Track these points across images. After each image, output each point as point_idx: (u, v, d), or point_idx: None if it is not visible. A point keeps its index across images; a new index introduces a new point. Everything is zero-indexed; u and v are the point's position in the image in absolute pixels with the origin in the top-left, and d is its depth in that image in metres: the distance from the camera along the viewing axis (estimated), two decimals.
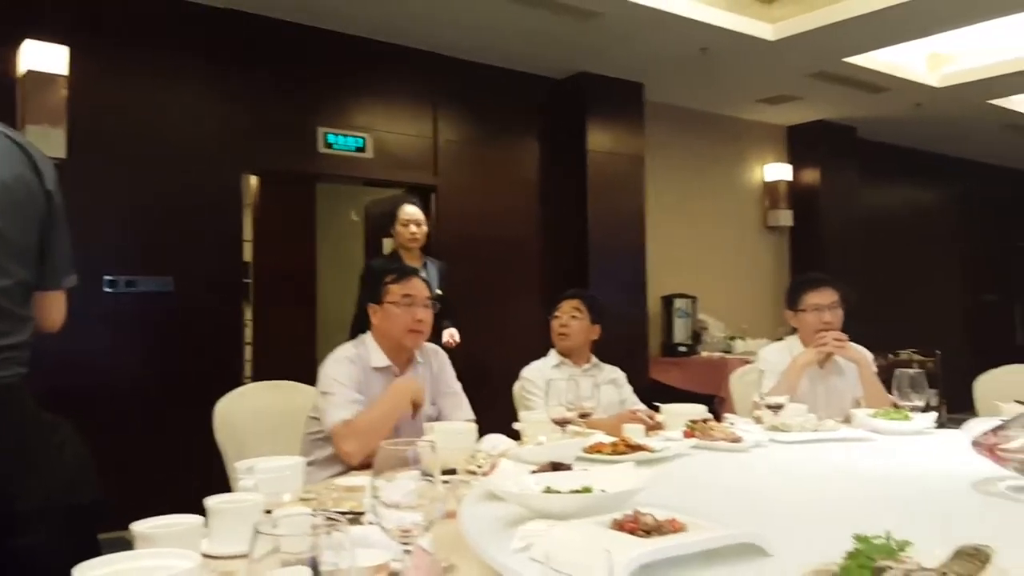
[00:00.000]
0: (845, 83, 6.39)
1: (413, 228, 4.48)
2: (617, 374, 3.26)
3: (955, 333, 9.14)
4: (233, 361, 4.95)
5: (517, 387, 3.17)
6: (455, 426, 2.16)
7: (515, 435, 2.36)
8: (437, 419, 2.44)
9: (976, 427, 2.31)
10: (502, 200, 6.05)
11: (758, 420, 2.51)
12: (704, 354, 6.59)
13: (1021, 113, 7.49)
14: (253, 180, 6.19)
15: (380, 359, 2.44)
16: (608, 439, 2.04)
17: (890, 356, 7.60)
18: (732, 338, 6.77)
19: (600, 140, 6.18)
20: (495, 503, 1.38)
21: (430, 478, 1.10)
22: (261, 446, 2.32)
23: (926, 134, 8.34)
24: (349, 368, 2.39)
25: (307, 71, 5.22)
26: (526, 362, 3.26)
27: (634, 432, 2.38)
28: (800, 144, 7.87)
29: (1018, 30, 5.83)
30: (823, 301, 2.98)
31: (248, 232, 5.91)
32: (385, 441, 1.11)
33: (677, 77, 6.24)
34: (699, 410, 2.53)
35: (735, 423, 2.56)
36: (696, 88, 6.59)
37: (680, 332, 6.62)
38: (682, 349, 6.57)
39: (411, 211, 4.53)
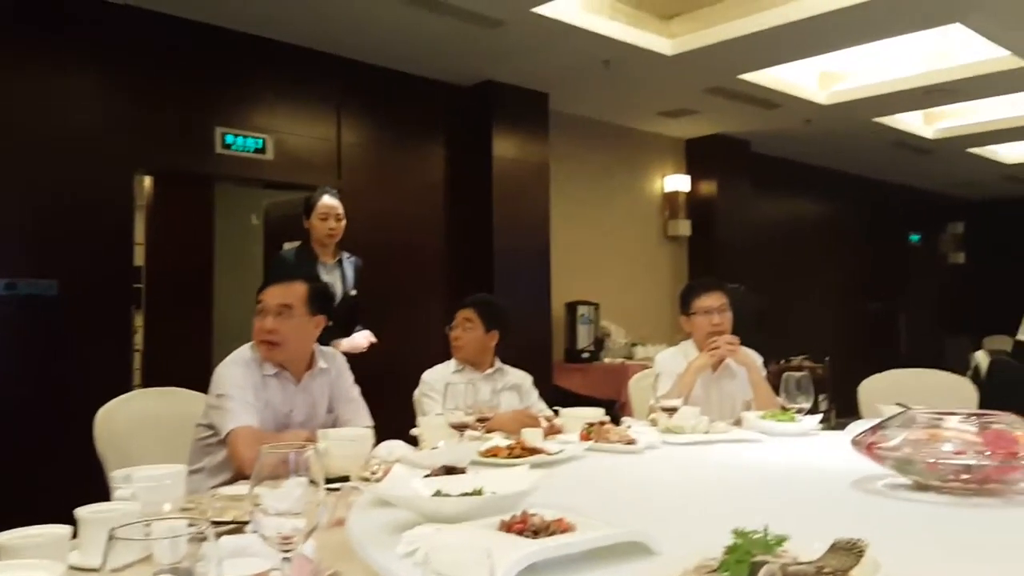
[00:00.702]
0: (740, 99, 6.63)
1: (332, 223, 4.02)
2: (523, 380, 3.25)
3: (844, 340, 9.58)
4: (121, 369, 4.73)
5: (417, 392, 3.13)
6: (349, 432, 2.12)
7: (414, 441, 2.33)
8: (333, 426, 2.39)
9: (858, 428, 2.42)
10: (407, 205, 6.00)
11: (654, 423, 2.56)
12: (606, 360, 6.69)
13: (905, 131, 7.93)
14: (148, 180, 5.94)
15: (271, 365, 2.37)
16: (505, 443, 2.04)
17: (782, 362, 7.90)
18: (633, 344, 6.91)
19: (505, 148, 6.22)
20: (385, 509, 1.36)
21: (313, 483, 1.07)
22: (147, 456, 2.21)
23: (816, 149, 8.73)
24: (245, 372, 2.32)
25: (205, 70, 5.06)
26: (430, 367, 3.23)
27: (532, 436, 2.39)
28: (698, 156, 8.12)
29: (902, 51, 6.18)
30: (713, 304, 3.07)
31: (141, 234, 5.67)
32: (265, 446, 1.07)
33: (581, 88, 6.34)
34: (596, 413, 2.56)
35: (631, 426, 2.60)
36: (599, 99, 6.71)
37: (583, 338, 6.70)
38: (585, 355, 6.66)
39: (331, 203, 4.08)
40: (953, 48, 6.02)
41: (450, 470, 1.58)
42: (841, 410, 6.65)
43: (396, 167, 5.95)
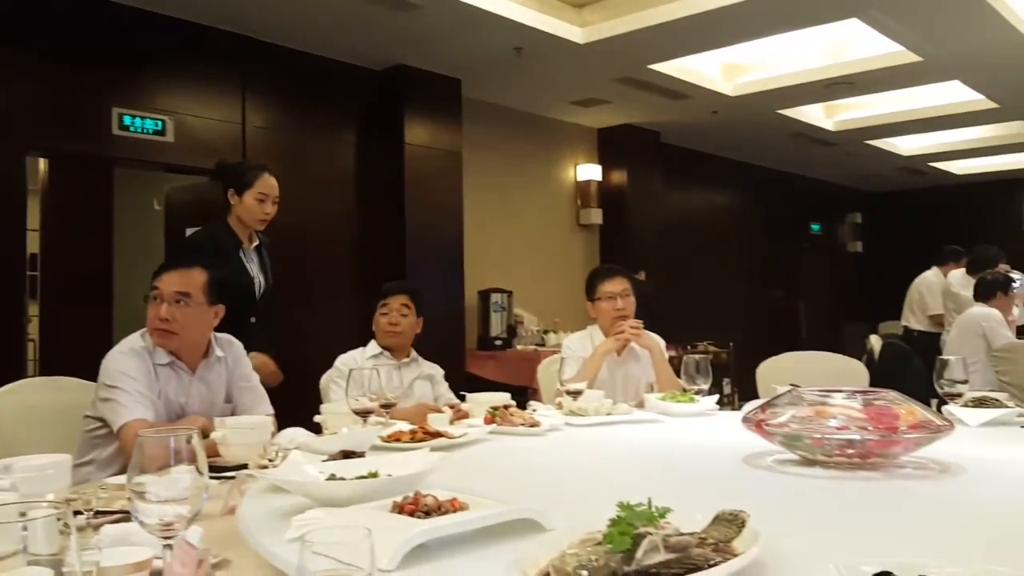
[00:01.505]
0: (649, 89, 6.74)
1: (269, 206, 3.43)
2: (435, 371, 3.25)
3: (747, 326, 9.89)
4: (14, 359, 4.51)
5: (325, 378, 3.08)
6: (248, 420, 2.07)
7: (317, 429, 2.29)
8: (232, 415, 2.33)
9: (752, 407, 2.50)
10: (316, 190, 5.88)
11: (559, 406, 2.58)
12: (519, 347, 6.73)
13: (807, 123, 8.21)
14: (42, 163, 5.64)
15: (163, 355, 2.28)
16: (408, 428, 2.03)
17: (688, 347, 8.11)
18: (546, 331, 6.97)
19: (418, 134, 6.16)
20: (279, 495, 1.33)
21: (197, 470, 1.04)
22: (35, 448, 2.10)
23: (723, 141, 8.97)
24: (137, 362, 2.22)
25: (101, 47, 4.83)
26: (339, 355, 3.19)
27: (438, 421, 2.38)
28: (610, 146, 8.23)
29: (804, 45, 6.39)
30: (615, 289, 3.12)
31: (35, 220, 5.39)
32: (145, 431, 1.03)
33: (494, 75, 6.33)
34: (503, 398, 2.57)
35: (536, 409, 2.62)
36: (513, 87, 6.72)
37: (496, 326, 6.72)
38: (498, 342, 6.68)
39: (272, 183, 3.49)
40: (852, 43, 6.26)
41: (348, 455, 1.56)
42: (744, 393, 6.86)
43: (305, 151, 5.82)
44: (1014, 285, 5.16)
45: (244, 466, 1.78)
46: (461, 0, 4.83)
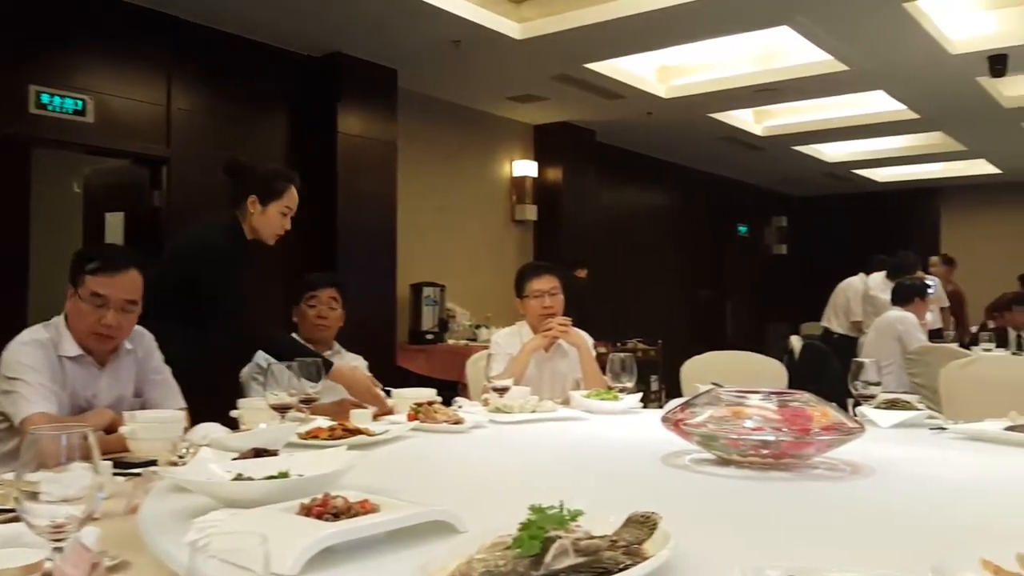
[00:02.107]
0: (585, 88, 6.77)
1: (289, 222, 3.08)
2: (359, 363, 3.21)
3: (676, 324, 10.06)
4: None
5: (245, 371, 3.00)
6: (159, 414, 1.99)
7: (234, 424, 2.23)
8: (142, 409, 2.24)
9: (673, 406, 2.53)
10: None
11: (486, 402, 2.57)
12: (450, 342, 6.70)
13: (736, 127, 8.37)
14: None
15: (72, 347, 2.18)
16: (328, 424, 1.99)
17: (618, 344, 8.20)
18: (477, 326, 6.95)
19: (352, 123, 6.06)
20: (186, 494, 1.28)
21: (93, 468, 0.99)
22: None
23: (657, 142, 9.08)
24: (41, 353, 2.12)
25: (18, 21, 4.60)
26: None
27: (360, 417, 2.34)
28: (546, 143, 8.25)
29: (735, 50, 6.51)
30: (543, 287, 3.13)
31: None
32: (36, 427, 0.97)
33: (431, 67, 6.27)
34: (428, 394, 2.55)
35: (462, 406, 2.61)
36: (450, 80, 6.67)
37: (428, 320, 6.67)
38: (429, 337, 6.63)
39: (297, 196, 3.09)
40: (782, 50, 6.40)
41: (260, 452, 1.51)
42: (671, 390, 6.95)
43: (233, 136, 5.67)
44: (929, 291, 5.36)
45: (153, 462, 1.72)
46: None
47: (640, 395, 2.63)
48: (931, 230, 12.00)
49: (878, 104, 7.58)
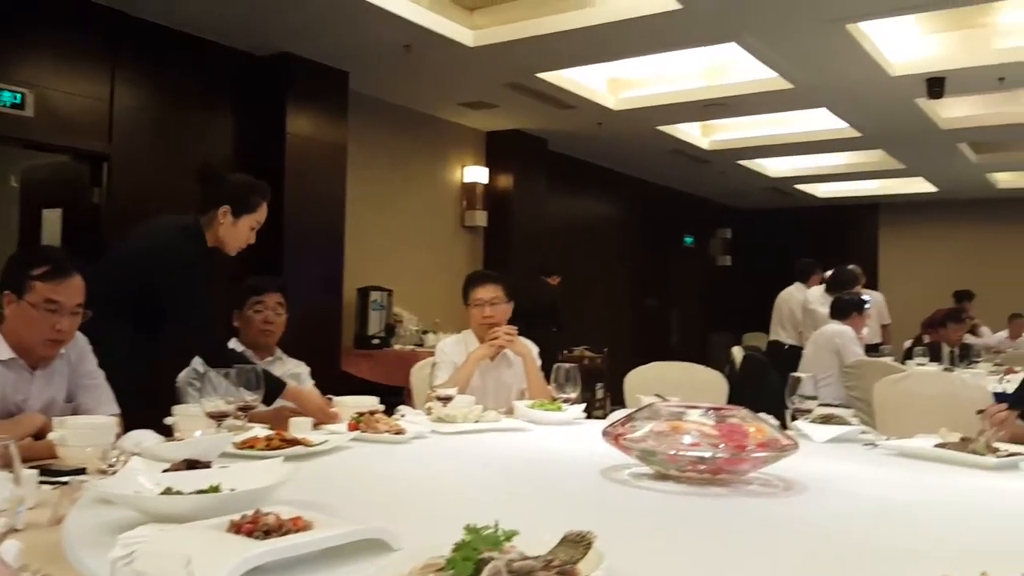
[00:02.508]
0: (537, 97, 6.80)
1: (253, 237, 2.97)
2: (301, 369, 3.16)
3: (622, 332, 10.16)
4: None
5: (182, 376, 2.94)
6: (90, 420, 1.93)
7: (168, 431, 2.17)
8: (74, 415, 2.17)
9: (616, 418, 2.55)
10: (189, 177, 5.61)
11: (429, 411, 2.55)
12: (397, 347, 6.65)
13: (684, 140, 8.49)
14: None
15: (4, 351, 2.11)
16: (266, 433, 1.95)
17: (565, 352, 8.24)
18: (425, 332, 6.91)
19: (301, 124, 5.98)
20: (114, 506, 1.24)
21: (14, 480, 0.96)
22: None
23: (607, 152, 9.17)
24: None
25: None
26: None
27: (299, 426, 2.30)
28: (497, 150, 8.26)
29: (684, 65, 6.61)
30: (485, 296, 3.12)
31: None
32: None
33: (383, 71, 6.23)
34: (370, 402, 2.52)
35: (405, 415, 2.59)
36: (401, 84, 6.64)
37: (374, 324, 6.61)
38: (375, 341, 6.57)
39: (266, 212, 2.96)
40: (730, 66, 6.52)
41: (192, 464, 1.48)
42: (615, 398, 7.01)
43: (178, 135, 5.55)
44: (867, 306, 5.50)
45: (82, 470, 1.67)
46: None
47: (584, 406, 2.64)
48: (870, 245, 12.34)
49: (821, 122, 7.76)
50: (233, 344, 3.04)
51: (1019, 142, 9.01)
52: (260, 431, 1.97)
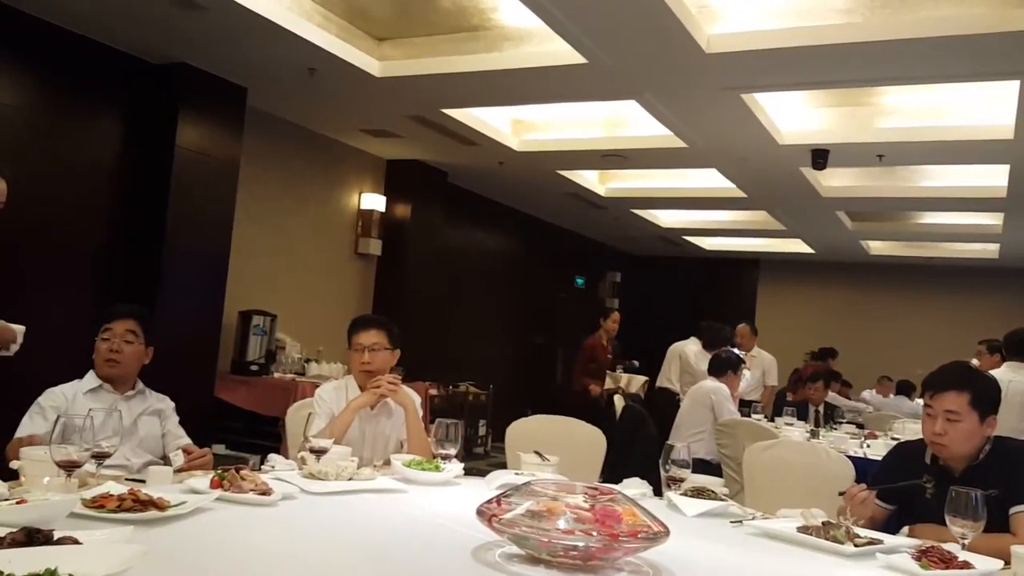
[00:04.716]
0: (441, 131, 6.79)
1: None
2: (165, 404, 2.97)
3: (509, 369, 10.20)
4: None
5: (29, 416, 2.72)
6: None
7: (13, 475, 2.01)
8: None
9: (497, 479, 2.52)
10: (65, 182, 5.31)
11: (303, 461, 2.46)
12: (276, 374, 6.42)
13: (582, 186, 8.65)
14: None
15: None
16: (119, 489, 1.82)
17: (450, 388, 8.20)
18: (308, 360, 6.71)
19: (192, 137, 5.75)
20: None
21: None
22: None
23: (507, 190, 9.25)
24: None
25: None
26: (69, 376, 2.84)
27: (158, 476, 2.17)
28: (397, 179, 8.19)
29: (587, 114, 6.76)
30: (365, 342, 3.04)
31: None
32: None
33: (284, 90, 6.08)
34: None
35: (275, 465, 2.48)
36: (303, 106, 6.50)
37: (254, 350, 6.36)
38: (254, 368, 6.32)
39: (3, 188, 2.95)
40: (630, 120, 6.71)
41: (32, 533, 1.35)
42: (498, 434, 7.01)
43: (60, 139, 5.24)
44: (744, 367, 5.72)
45: None
46: (252, 11, 4.59)
47: (462, 467, 2.60)
48: (749, 298, 12.89)
49: (711, 180, 8.08)
50: (89, 377, 2.84)
51: (892, 214, 9.66)
52: (113, 487, 1.84)
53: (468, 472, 2.67)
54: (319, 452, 2.46)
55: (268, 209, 6.87)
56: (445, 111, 6.30)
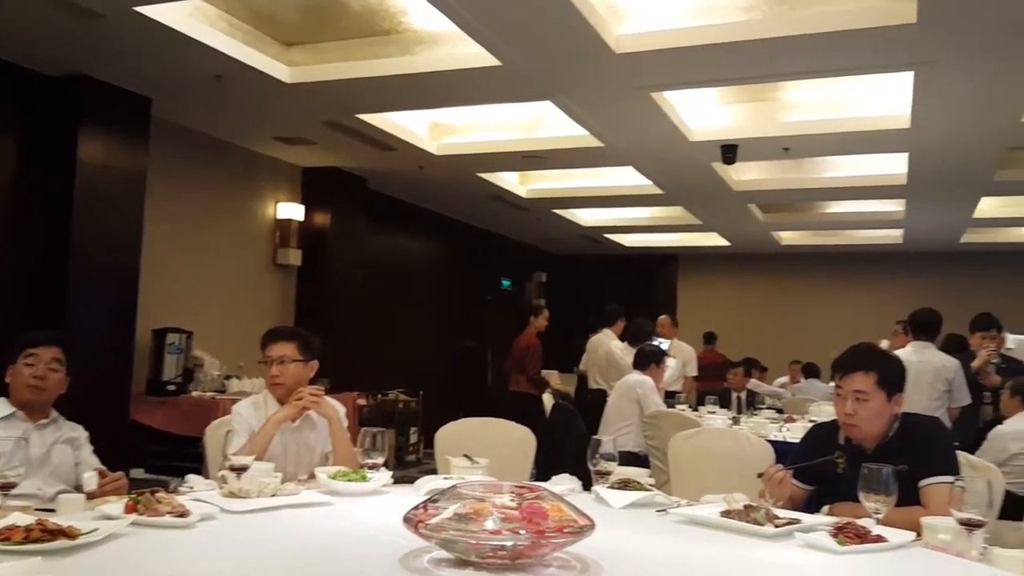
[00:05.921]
0: (356, 136, 6.71)
1: None
2: (78, 433, 2.87)
3: (439, 373, 10.14)
4: None
5: None
6: None
7: None
8: None
9: (426, 485, 2.50)
10: None
11: (223, 480, 2.39)
12: (195, 393, 6.22)
13: (503, 187, 8.67)
14: None
15: None
16: (27, 520, 1.73)
17: (379, 396, 8.11)
18: (228, 377, 6.53)
19: (94, 151, 5.53)
20: None
21: None
22: None
23: (428, 194, 9.20)
24: None
25: None
26: None
27: (69, 504, 2.08)
28: (314, 186, 8.05)
29: (504, 116, 6.78)
30: (274, 355, 2.98)
31: None
32: None
33: (191, 99, 5.91)
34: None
35: (193, 487, 2.41)
36: (211, 114, 6.33)
37: (171, 369, 6.16)
38: (171, 387, 6.11)
39: None
40: (547, 121, 6.76)
41: None
42: (429, 441, 6.96)
43: None
44: (668, 359, 5.83)
45: None
46: (153, 19, 4.45)
47: (391, 475, 2.57)
48: (670, 292, 13.15)
49: (628, 178, 8.20)
50: (2, 405, 2.72)
51: (801, 205, 9.99)
52: (20, 518, 1.75)
53: (399, 480, 2.65)
54: (240, 470, 2.39)
55: (180, 222, 6.67)
56: (360, 116, 6.22)
